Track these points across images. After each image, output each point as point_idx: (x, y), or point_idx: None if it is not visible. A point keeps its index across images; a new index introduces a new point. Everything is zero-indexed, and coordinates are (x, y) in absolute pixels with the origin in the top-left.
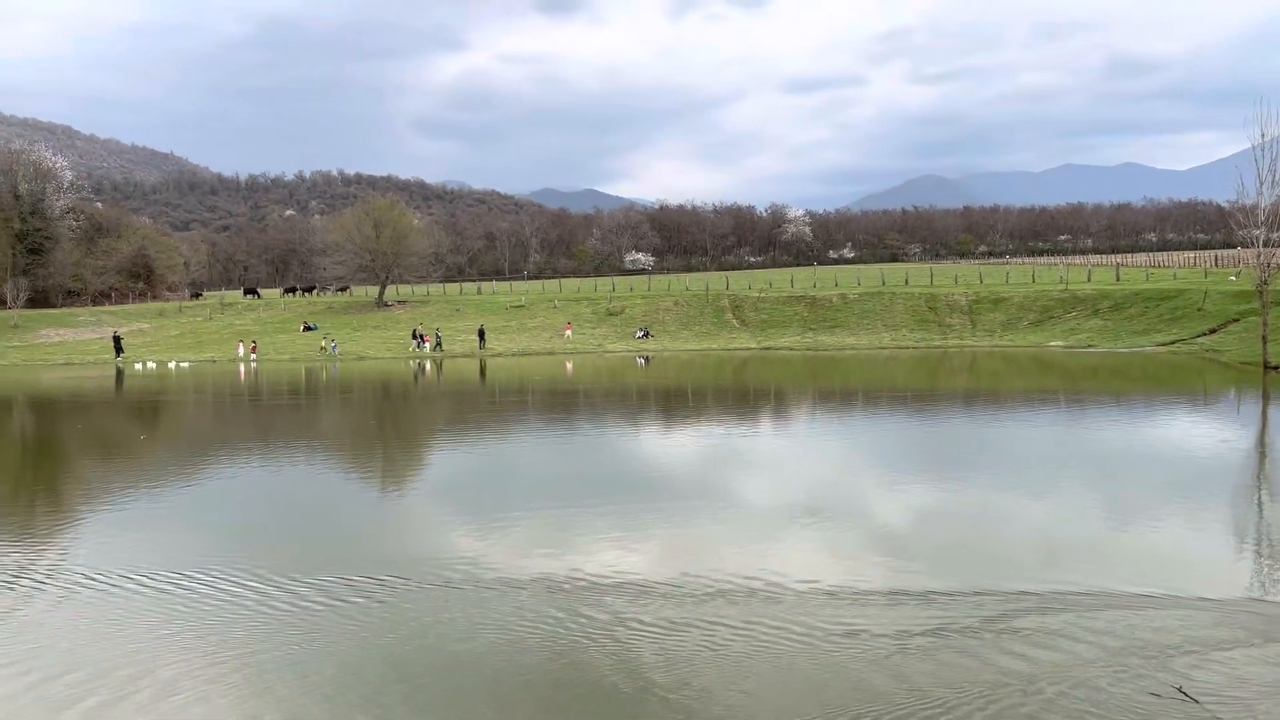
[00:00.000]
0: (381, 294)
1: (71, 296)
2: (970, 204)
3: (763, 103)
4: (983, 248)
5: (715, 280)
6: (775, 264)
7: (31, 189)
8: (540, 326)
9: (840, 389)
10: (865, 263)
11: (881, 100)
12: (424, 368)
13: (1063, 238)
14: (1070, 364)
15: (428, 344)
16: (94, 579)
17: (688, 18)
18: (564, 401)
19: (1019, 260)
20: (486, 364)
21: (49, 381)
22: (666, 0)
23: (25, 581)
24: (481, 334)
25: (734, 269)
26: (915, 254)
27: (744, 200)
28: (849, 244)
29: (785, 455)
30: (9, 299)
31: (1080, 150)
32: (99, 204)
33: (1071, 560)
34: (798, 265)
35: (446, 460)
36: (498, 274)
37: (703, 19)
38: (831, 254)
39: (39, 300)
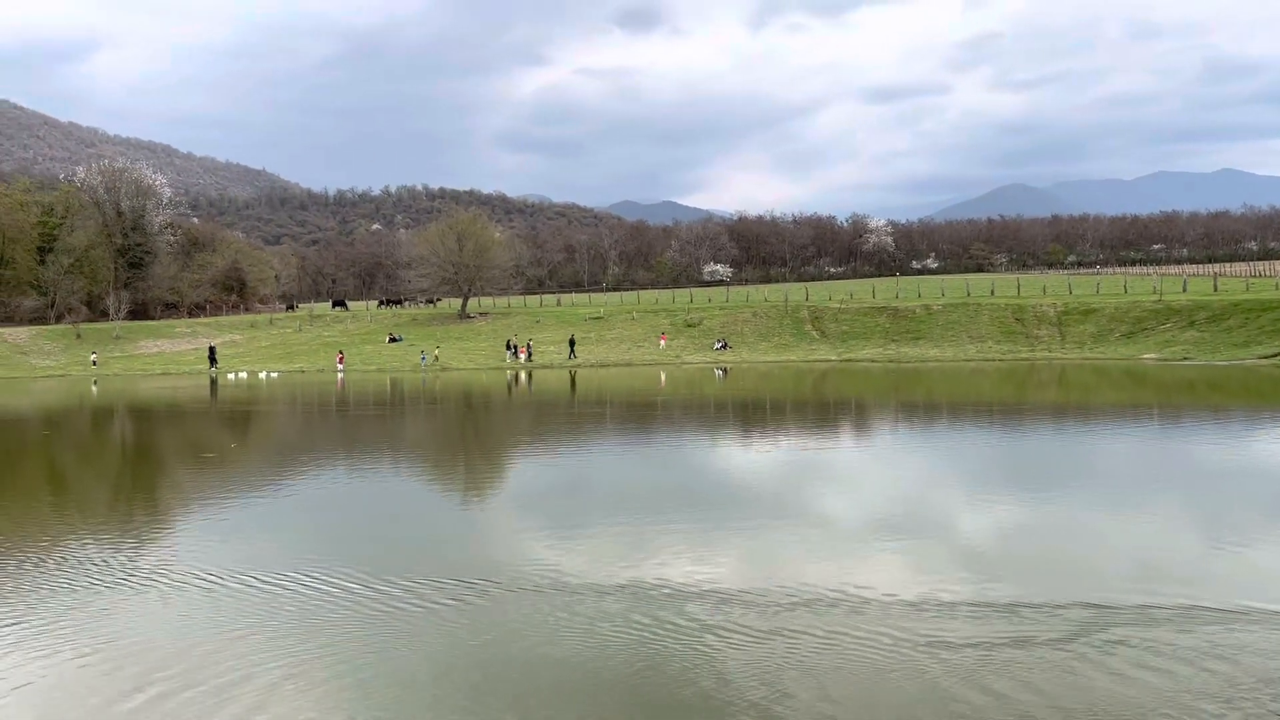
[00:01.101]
0: (464, 306)
1: (169, 309)
2: (1059, 212)
3: (843, 112)
4: (1072, 258)
5: (795, 291)
6: (856, 274)
7: (133, 205)
8: (618, 338)
9: (924, 402)
10: (949, 273)
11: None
12: (518, 378)
13: (1156, 247)
14: (1165, 377)
15: (523, 355)
16: (192, 578)
17: (768, 29)
18: (646, 413)
19: (1110, 270)
20: (576, 375)
21: (147, 391)
22: (746, 12)
23: (128, 580)
24: (572, 344)
25: (814, 280)
26: (1001, 264)
27: (823, 210)
28: (932, 254)
29: (866, 469)
30: (111, 311)
31: (1175, 156)
32: (195, 219)
33: (1164, 576)
34: (879, 276)
35: (531, 469)
36: (577, 286)
37: (783, 30)
38: (914, 264)
39: (139, 313)
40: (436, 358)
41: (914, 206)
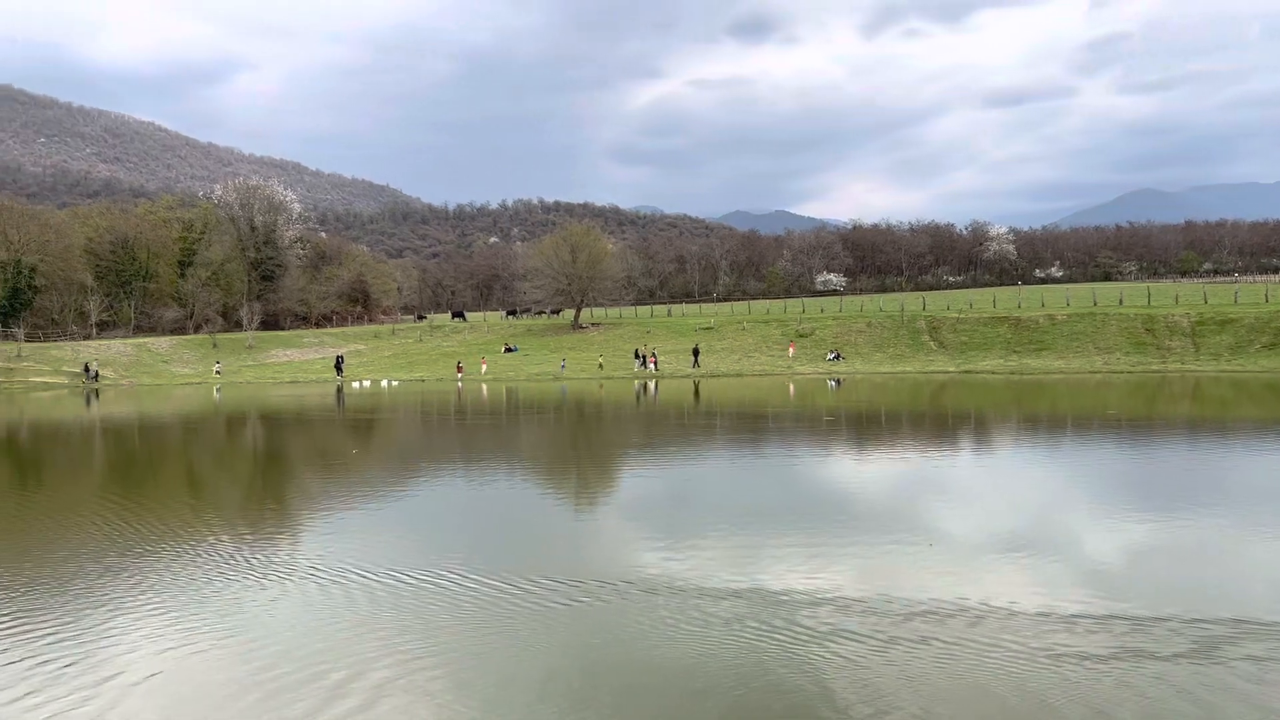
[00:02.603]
0: (577, 316)
1: (298, 319)
2: (1193, 218)
3: (962, 118)
4: (1207, 265)
5: (911, 300)
6: (976, 284)
7: (265, 221)
8: (728, 348)
9: (1047, 415)
10: (1074, 282)
11: (1091, 111)
12: (646, 387)
13: None
14: None
15: (652, 364)
16: (315, 574)
17: (883, 35)
18: (763, 423)
19: (1249, 278)
20: (700, 385)
21: (276, 398)
22: (862, 19)
23: (260, 575)
24: (695, 354)
25: (931, 289)
26: (1130, 272)
27: (941, 218)
28: (1056, 262)
29: (987, 484)
30: (245, 322)
31: None
32: (323, 234)
33: None
34: (1000, 285)
35: (648, 475)
36: (687, 296)
37: (900, 35)
38: (1037, 273)
39: (270, 323)
40: (563, 364)
41: (1037, 213)
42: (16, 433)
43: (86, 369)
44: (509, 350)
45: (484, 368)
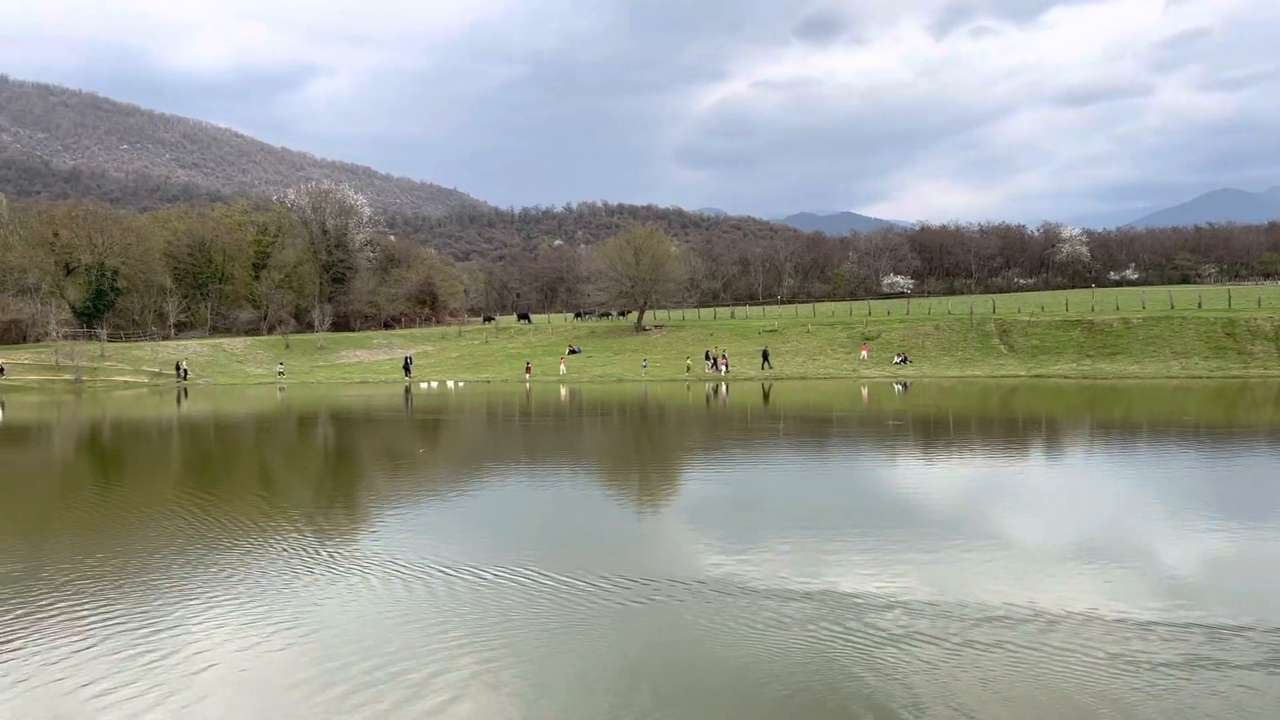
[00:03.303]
0: (640, 319)
1: (367, 321)
2: (1276, 219)
3: (1034, 117)
4: None
5: (980, 303)
6: (1048, 286)
7: (336, 224)
8: (793, 351)
9: (1121, 421)
10: (1150, 284)
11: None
12: (717, 390)
13: None
14: None
15: (724, 367)
16: (394, 571)
17: (953, 34)
18: (831, 427)
19: None
20: (770, 387)
21: (347, 398)
22: (931, 18)
23: (336, 572)
24: (765, 356)
25: (1001, 292)
26: (1210, 275)
27: (1012, 219)
28: (1132, 264)
29: (1060, 490)
30: (316, 323)
31: None
32: (392, 237)
33: None
34: (1073, 287)
35: (719, 476)
36: (751, 299)
37: (969, 34)
38: (1112, 275)
39: (340, 324)
40: (644, 365)
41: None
42: (106, 429)
43: (178, 368)
44: (573, 352)
45: (562, 369)
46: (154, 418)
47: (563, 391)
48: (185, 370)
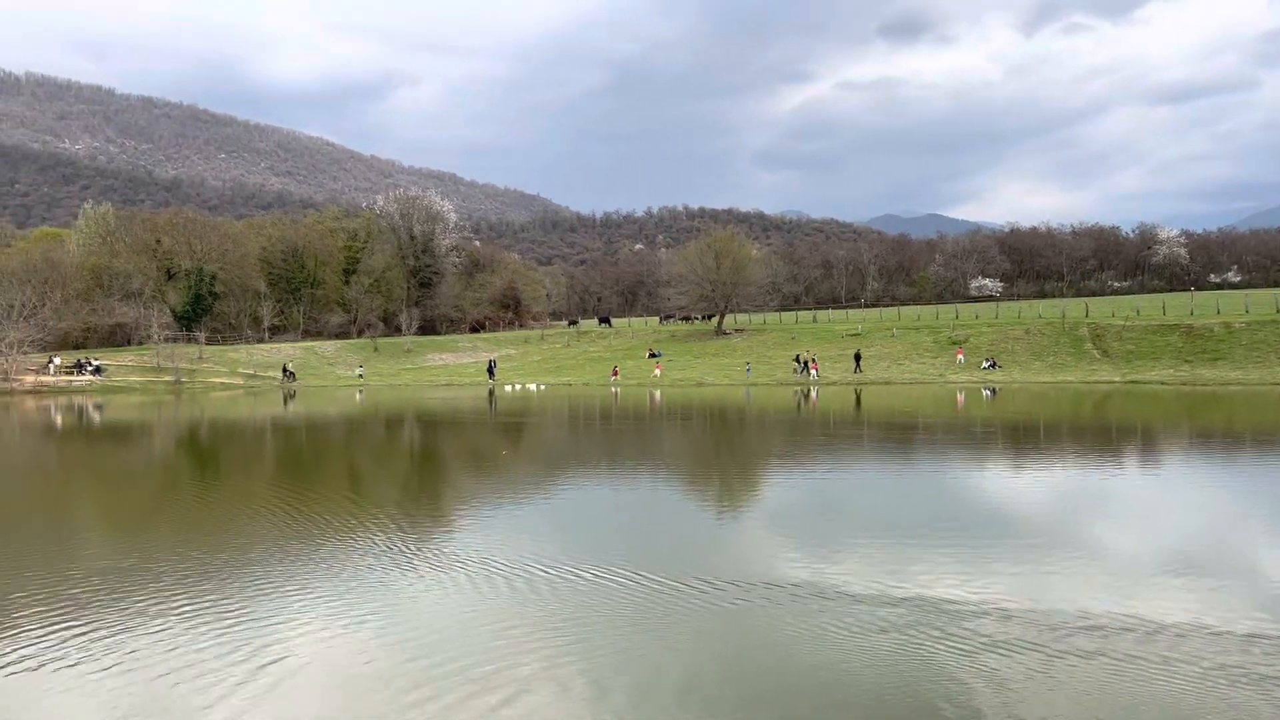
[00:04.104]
0: (720, 322)
1: (452, 325)
2: None
3: (1128, 115)
4: None
5: (1073, 307)
6: (1144, 289)
7: (424, 230)
8: (877, 355)
9: (1223, 429)
10: (1254, 287)
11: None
12: (808, 394)
13: None
14: None
15: (815, 371)
16: (473, 567)
17: (1043, 31)
18: (918, 433)
19: None
20: (861, 392)
21: (435, 400)
22: (1020, 16)
23: (421, 569)
24: (857, 358)
25: (1094, 295)
26: None
27: (1105, 220)
28: (1234, 267)
29: (1157, 500)
30: (404, 327)
31: None
32: (477, 242)
33: None
34: (1171, 290)
35: (804, 482)
36: (834, 302)
37: (1061, 31)
38: (1212, 278)
39: (427, 328)
40: (749, 369)
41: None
42: (205, 429)
43: (285, 369)
44: (653, 355)
45: (657, 372)
46: (249, 418)
47: (656, 395)
48: (292, 372)
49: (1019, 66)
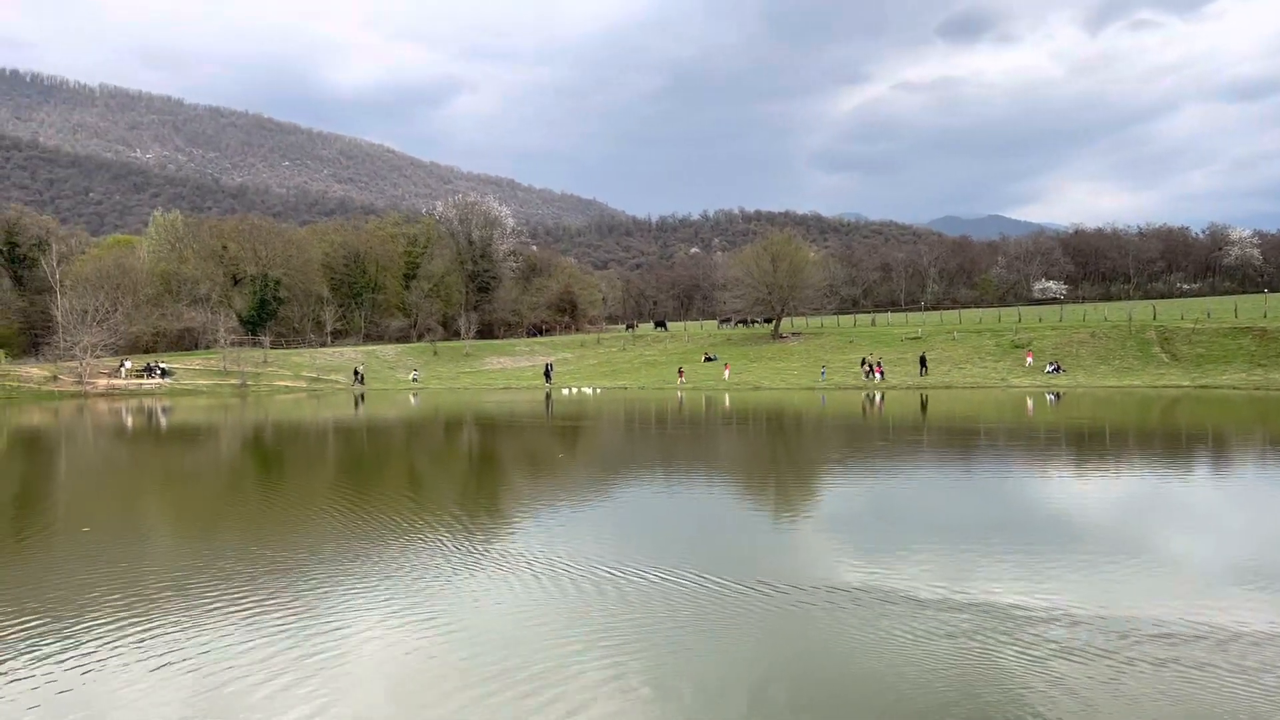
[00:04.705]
0: (776, 326)
1: (510, 329)
2: None
3: (1198, 113)
4: None
5: (1140, 310)
6: (1214, 291)
7: (482, 235)
8: (938, 359)
9: None
10: None
11: None
12: (873, 398)
13: None
14: None
15: (879, 374)
16: (535, 570)
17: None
18: (981, 438)
19: None
20: (927, 396)
21: (491, 403)
22: (1084, 13)
23: (484, 569)
24: (923, 361)
25: (1162, 297)
26: None
27: (1173, 221)
28: None
29: (1226, 507)
30: (462, 331)
31: None
32: (534, 247)
33: None
34: (1243, 292)
35: (856, 487)
36: (893, 305)
37: (1127, 28)
38: None
39: (485, 332)
40: (824, 372)
41: None
42: (270, 431)
43: (356, 373)
44: (708, 359)
45: (726, 374)
46: (312, 420)
47: (726, 398)
48: (362, 375)
49: (1083, 65)
